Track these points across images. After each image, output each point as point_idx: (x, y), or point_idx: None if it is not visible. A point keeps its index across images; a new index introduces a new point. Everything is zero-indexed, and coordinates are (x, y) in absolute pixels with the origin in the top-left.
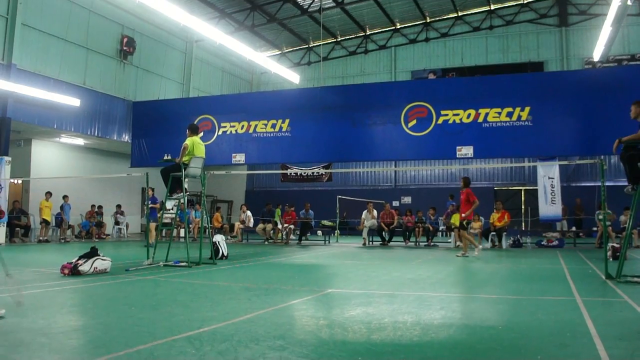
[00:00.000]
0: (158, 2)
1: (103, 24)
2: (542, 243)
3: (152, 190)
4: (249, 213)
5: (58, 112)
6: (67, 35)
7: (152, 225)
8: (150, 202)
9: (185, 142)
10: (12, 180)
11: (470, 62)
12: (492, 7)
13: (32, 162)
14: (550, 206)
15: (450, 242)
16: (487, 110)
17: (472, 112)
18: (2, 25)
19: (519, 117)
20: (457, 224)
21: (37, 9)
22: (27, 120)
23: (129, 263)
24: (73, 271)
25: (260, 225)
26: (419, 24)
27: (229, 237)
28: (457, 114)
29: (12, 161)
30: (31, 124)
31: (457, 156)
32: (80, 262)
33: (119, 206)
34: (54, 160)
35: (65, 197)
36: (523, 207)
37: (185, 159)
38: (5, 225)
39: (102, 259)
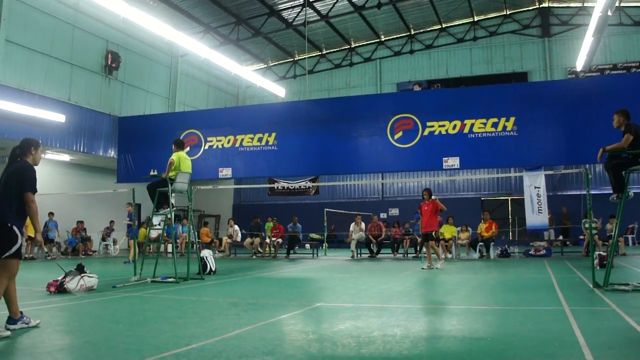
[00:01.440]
0: (143, 17)
1: (88, 39)
2: (530, 252)
3: (130, 205)
4: (236, 227)
5: (43, 128)
6: (52, 50)
7: (131, 242)
8: (128, 218)
9: (172, 158)
10: None
11: (455, 74)
12: (476, 18)
13: None
14: (537, 215)
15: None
16: (473, 120)
17: (458, 123)
18: None
19: (504, 127)
20: (447, 235)
21: (21, 24)
22: (12, 137)
23: (116, 280)
24: (59, 289)
25: (248, 240)
26: (403, 36)
27: (217, 252)
28: (443, 125)
29: None
30: (16, 140)
31: (444, 167)
32: (66, 279)
33: (112, 222)
34: (40, 177)
35: (50, 214)
36: (510, 217)
37: (171, 174)
38: None
39: (89, 276)
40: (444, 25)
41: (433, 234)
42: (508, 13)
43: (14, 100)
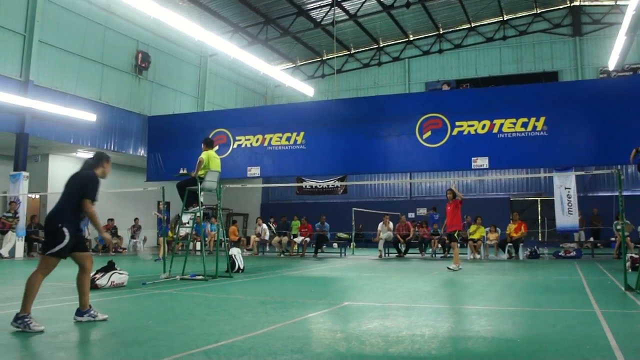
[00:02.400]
0: (173, 18)
1: (118, 39)
2: (560, 254)
3: (160, 204)
4: (264, 226)
5: (74, 128)
6: (83, 51)
7: (161, 239)
8: (159, 214)
9: (201, 156)
10: (30, 195)
11: (484, 73)
12: (505, 17)
13: (50, 177)
14: (567, 217)
15: (466, 254)
16: (502, 120)
17: (487, 122)
18: (19, 42)
19: (534, 127)
20: (476, 236)
21: (53, 26)
22: (44, 136)
23: (146, 277)
24: (90, 285)
25: (276, 238)
26: (432, 36)
27: (245, 250)
28: (472, 125)
29: (30, 176)
30: (48, 140)
31: (473, 167)
32: (97, 276)
33: (136, 219)
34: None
35: None
36: (539, 217)
37: (200, 172)
38: (23, 239)
39: (120, 273)
40: (473, 25)
41: (456, 234)
42: (538, 12)
43: (46, 100)
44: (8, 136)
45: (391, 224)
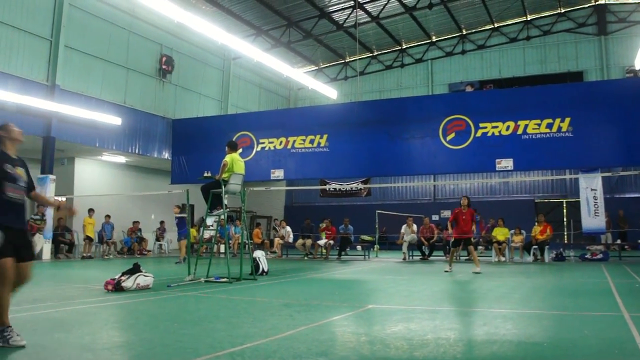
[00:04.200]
0: (196, 22)
1: (142, 43)
2: (586, 256)
3: (179, 207)
4: (288, 228)
5: (100, 131)
6: (108, 55)
7: (182, 242)
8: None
9: (225, 159)
10: (56, 198)
11: (508, 74)
12: (529, 17)
13: (75, 179)
14: (593, 218)
15: (491, 256)
16: (527, 122)
17: (511, 124)
18: (46, 47)
19: (559, 128)
20: (500, 238)
21: (79, 31)
22: (71, 139)
23: (171, 279)
24: (116, 287)
25: (300, 241)
26: (455, 37)
27: (269, 253)
28: (496, 127)
29: (57, 179)
30: (74, 143)
31: (497, 169)
32: (123, 278)
33: (162, 222)
34: (97, 178)
35: (107, 216)
36: (565, 219)
37: (224, 175)
38: (50, 241)
39: (145, 275)
40: (496, 25)
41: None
42: (562, 11)
43: (72, 104)
44: (35, 140)
45: (415, 227)
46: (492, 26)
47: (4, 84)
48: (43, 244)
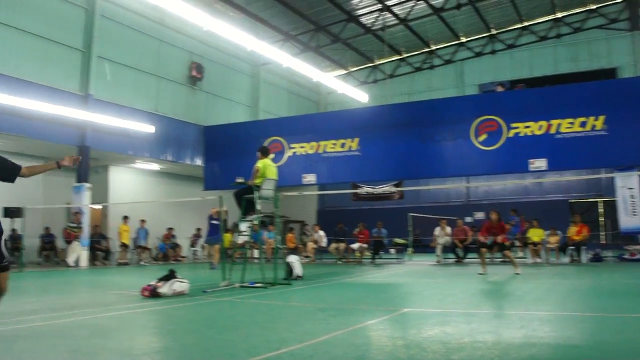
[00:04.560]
0: (225, 29)
1: (173, 52)
2: (625, 257)
3: (217, 212)
4: (321, 233)
5: (133, 139)
6: (140, 64)
7: (216, 247)
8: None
9: (257, 165)
10: (92, 206)
11: (539, 73)
12: (559, 15)
13: (110, 187)
14: (631, 217)
15: (526, 258)
16: (560, 121)
17: (544, 123)
18: (79, 58)
19: (593, 126)
20: (535, 239)
21: (111, 41)
22: (105, 148)
23: (206, 284)
24: (153, 293)
25: (333, 245)
26: (484, 37)
27: (303, 257)
28: (528, 126)
29: (92, 187)
30: (108, 152)
31: (530, 169)
32: (159, 284)
33: (198, 229)
34: (131, 185)
35: (142, 221)
36: (602, 219)
37: (257, 181)
38: (87, 248)
39: (180, 281)
40: (525, 24)
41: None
42: (593, 7)
43: (105, 113)
44: (70, 149)
45: (448, 229)
46: (522, 25)
47: (39, 95)
48: (80, 251)
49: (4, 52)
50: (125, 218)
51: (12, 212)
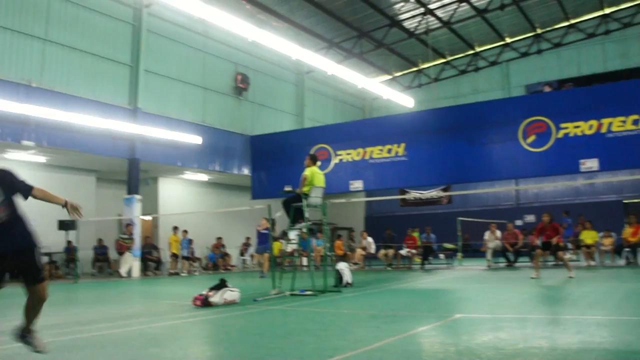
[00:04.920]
0: (269, 39)
1: (218, 63)
2: None
3: (267, 222)
4: (370, 239)
5: (181, 150)
6: (186, 77)
7: (266, 256)
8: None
9: (305, 173)
10: (142, 217)
11: (587, 71)
12: (607, 10)
13: (160, 198)
14: None
15: (580, 261)
16: (611, 119)
17: (594, 122)
18: (127, 73)
19: None
20: (589, 241)
21: (157, 55)
22: (154, 160)
23: (257, 293)
24: (205, 303)
25: (382, 251)
26: (529, 36)
27: (351, 264)
28: (578, 126)
29: (142, 199)
30: (157, 163)
31: (581, 170)
32: (210, 294)
33: (248, 238)
34: (180, 196)
35: (184, 232)
36: None
37: (305, 189)
38: (139, 259)
39: (231, 290)
40: (572, 21)
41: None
42: None
43: (154, 126)
44: (121, 162)
45: (498, 233)
46: (568, 23)
47: (90, 110)
48: (132, 262)
49: (55, 70)
50: (175, 228)
51: (66, 225)
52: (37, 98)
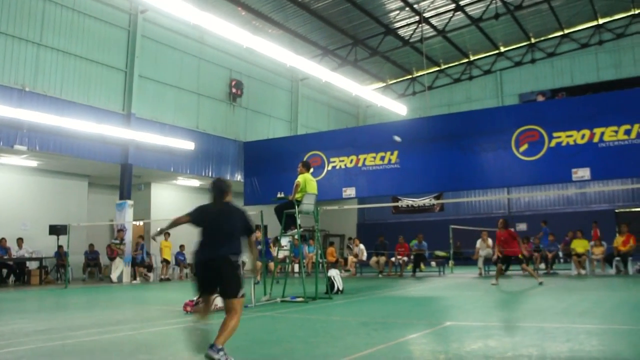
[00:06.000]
0: (264, 45)
1: (212, 69)
2: None
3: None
4: (362, 246)
5: (174, 156)
6: (180, 82)
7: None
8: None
9: (297, 179)
10: (134, 223)
11: (581, 81)
12: (600, 21)
13: (152, 204)
14: None
15: (570, 269)
16: (603, 129)
17: (587, 132)
18: (121, 78)
19: (638, 134)
20: (580, 250)
21: (151, 61)
22: (147, 165)
23: (247, 299)
24: (195, 309)
25: (374, 259)
26: (523, 46)
27: (343, 271)
28: (571, 135)
29: (135, 204)
30: (150, 169)
31: (573, 179)
32: (201, 299)
33: None
34: (172, 202)
35: (181, 246)
36: None
37: (297, 195)
38: (130, 264)
39: None
40: (566, 31)
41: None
42: (637, 12)
43: (147, 131)
44: (114, 167)
45: (490, 241)
46: (562, 32)
47: (83, 115)
48: (123, 267)
49: (49, 75)
50: (167, 234)
51: (57, 230)
52: (30, 103)
